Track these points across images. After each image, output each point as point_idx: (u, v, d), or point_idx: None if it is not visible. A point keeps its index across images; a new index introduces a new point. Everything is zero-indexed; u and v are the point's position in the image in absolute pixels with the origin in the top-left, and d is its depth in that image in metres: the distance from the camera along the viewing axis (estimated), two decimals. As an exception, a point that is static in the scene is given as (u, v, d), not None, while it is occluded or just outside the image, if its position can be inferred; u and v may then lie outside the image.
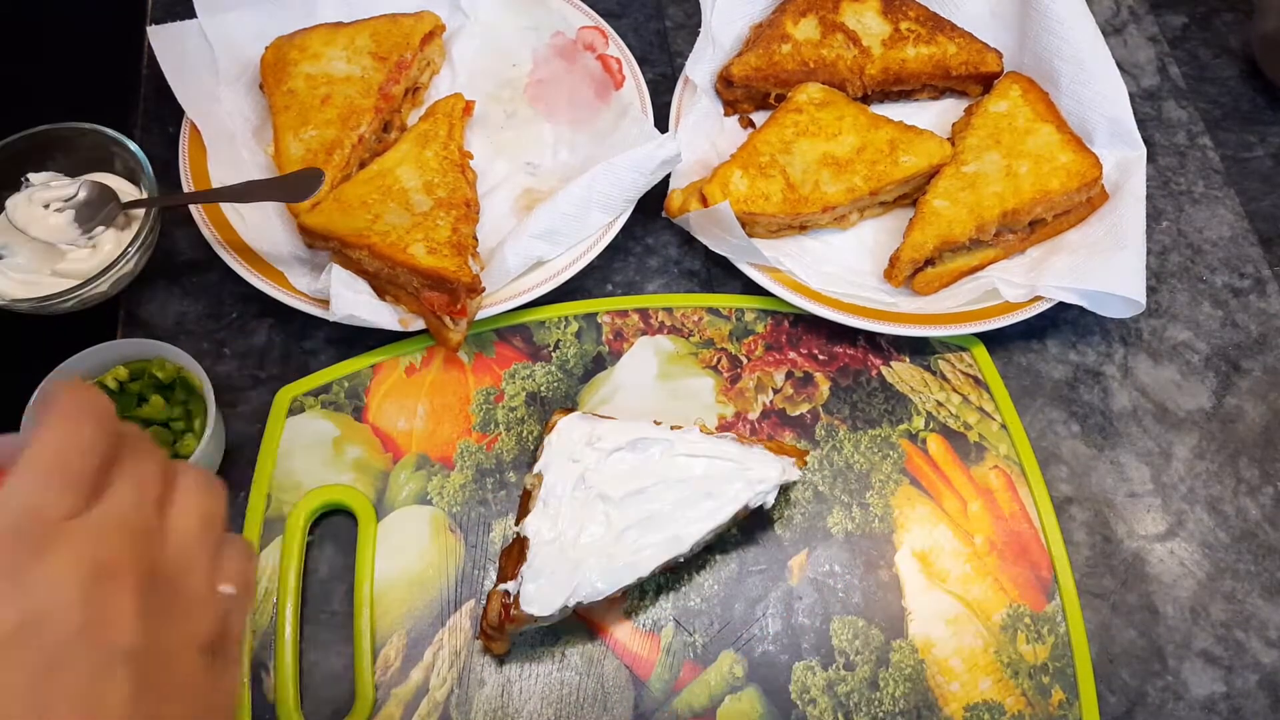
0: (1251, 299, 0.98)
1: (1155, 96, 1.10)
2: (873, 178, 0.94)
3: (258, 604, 0.78)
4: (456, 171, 0.93)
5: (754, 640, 0.80)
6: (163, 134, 0.99)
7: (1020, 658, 0.80)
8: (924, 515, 0.85)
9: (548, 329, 0.92)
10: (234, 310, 0.92)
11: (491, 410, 0.88)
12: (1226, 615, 0.83)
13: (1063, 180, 0.93)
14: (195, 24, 0.98)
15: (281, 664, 0.76)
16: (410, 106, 1.01)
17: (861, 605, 0.81)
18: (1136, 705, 0.79)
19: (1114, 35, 1.13)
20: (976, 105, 1.00)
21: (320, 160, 0.91)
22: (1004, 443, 0.88)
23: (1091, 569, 0.84)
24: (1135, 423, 0.91)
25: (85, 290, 0.84)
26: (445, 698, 0.76)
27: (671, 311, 0.93)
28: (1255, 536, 0.86)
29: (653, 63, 1.08)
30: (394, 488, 0.84)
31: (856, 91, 1.03)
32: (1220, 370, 0.94)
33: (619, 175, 0.90)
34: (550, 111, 1.02)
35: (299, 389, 0.87)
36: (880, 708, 0.78)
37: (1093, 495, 0.87)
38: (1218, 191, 1.04)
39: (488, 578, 0.81)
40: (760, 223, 0.94)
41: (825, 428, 0.88)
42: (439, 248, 0.85)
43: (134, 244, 0.85)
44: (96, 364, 0.81)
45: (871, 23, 1.03)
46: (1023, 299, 0.91)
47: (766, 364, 0.91)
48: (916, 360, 0.92)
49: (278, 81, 0.95)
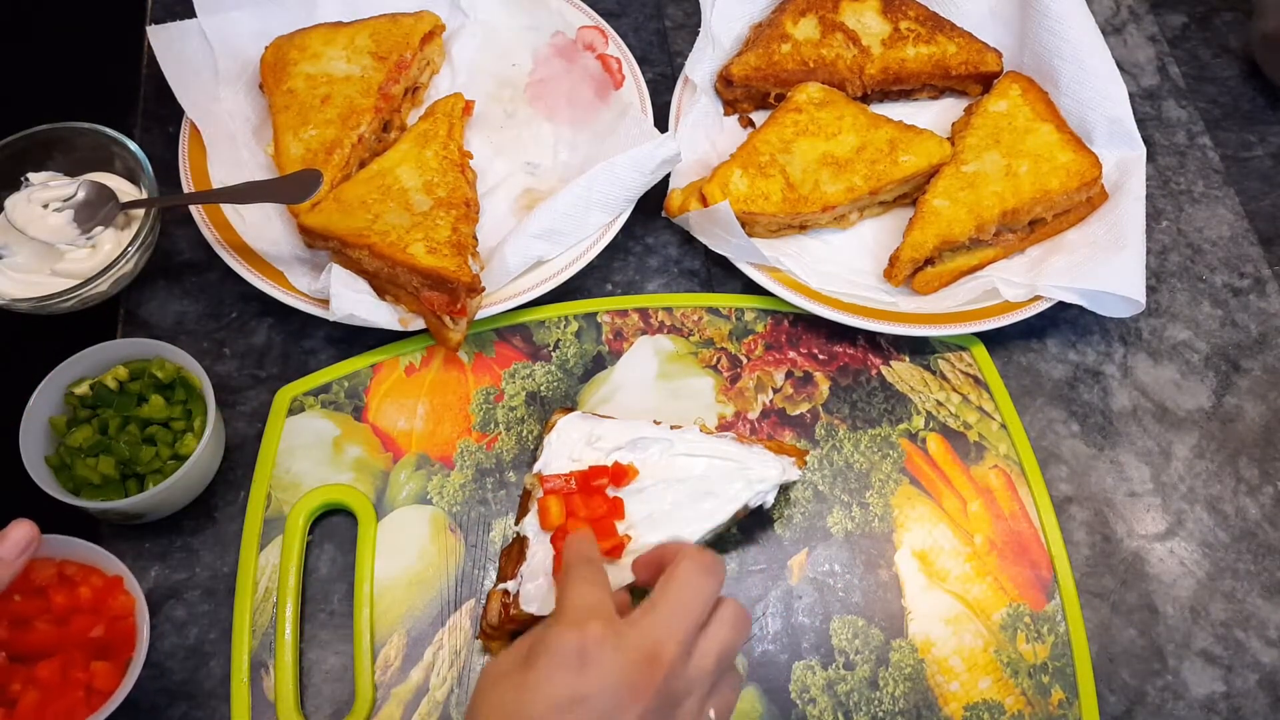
0: (1251, 298, 0.98)
1: (1155, 96, 1.10)
2: (872, 177, 0.94)
3: (259, 603, 0.78)
4: (456, 171, 0.93)
5: (754, 639, 0.80)
6: (163, 134, 0.99)
7: (1020, 657, 0.80)
8: (924, 515, 0.85)
9: (548, 329, 0.92)
10: (234, 310, 0.92)
11: (491, 410, 0.88)
12: (1226, 615, 0.83)
13: (1062, 180, 0.93)
14: (195, 24, 0.98)
15: (281, 663, 0.76)
16: (410, 106, 1.01)
17: (861, 605, 0.81)
18: (1136, 705, 0.79)
19: (1114, 35, 1.13)
20: (976, 105, 1.00)
21: (320, 160, 0.91)
22: (1004, 442, 0.88)
23: (1091, 568, 0.84)
24: (1135, 422, 0.91)
25: (85, 290, 0.84)
26: (445, 697, 0.76)
27: (671, 311, 0.93)
28: (1255, 536, 0.86)
29: (653, 62, 1.08)
30: (394, 487, 0.84)
31: (856, 91, 1.03)
32: (1220, 370, 0.94)
33: (619, 175, 0.90)
34: (550, 111, 1.02)
35: (299, 389, 0.87)
36: (880, 707, 0.78)
37: (1093, 495, 0.87)
38: (1217, 191, 1.04)
39: (488, 577, 0.81)
40: (760, 222, 0.94)
41: (825, 427, 0.88)
42: (439, 247, 0.85)
43: (134, 244, 0.85)
44: (96, 364, 0.81)
45: (871, 22, 1.03)
46: (1022, 298, 0.91)
47: (766, 363, 0.91)
48: (916, 360, 0.92)
49: (277, 81, 0.95)
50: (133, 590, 0.72)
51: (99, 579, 0.73)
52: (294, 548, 0.80)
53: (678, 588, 0.59)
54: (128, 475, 0.78)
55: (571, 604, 0.60)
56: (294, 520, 0.81)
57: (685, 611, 0.59)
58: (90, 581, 0.72)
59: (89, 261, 0.86)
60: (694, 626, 0.59)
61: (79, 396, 0.80)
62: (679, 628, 0.58)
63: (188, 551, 0.81)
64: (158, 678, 0.76)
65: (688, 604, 0.59)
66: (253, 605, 0.78)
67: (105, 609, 0.72)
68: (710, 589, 0.60)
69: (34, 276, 0.86)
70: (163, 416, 0.80)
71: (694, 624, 0.59)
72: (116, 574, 0.73)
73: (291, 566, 0.79)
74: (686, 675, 0.58)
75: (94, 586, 0.72)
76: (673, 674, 0.57)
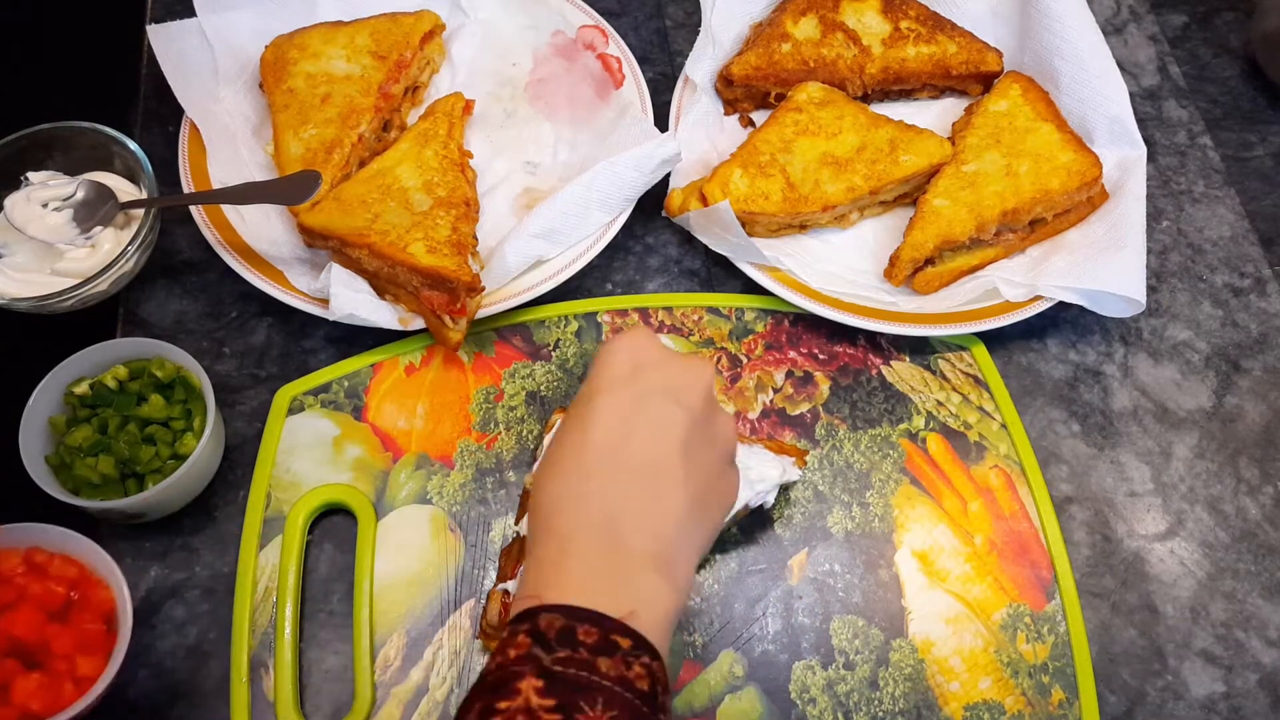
0: (1252, 298, 0.98)
1: (1155, 96, 1.09)
2: (873, 177, 0.94)
3: (258, 603, 0.78)
4: (456, 170, 0.93)
5: (754, 639, 0.80)
6: (163, 133, 0.99)
7: (1020, 657, 0.79)
8: (924, 515, 0.85)
9: (547, 328, 0.92)
10: (233, 309, 0.92)
11: (491, 409, 0.88)
12: (1227, 615, 0.83)
13: (1063, 179, 0.93)
14: (195, 23, 0.98)
15: (281, 663, 0.76)
16: (410, 105, 1.01)
17: (861, 605, 0.81)
18: (1136, 705, 0.79)
19: (1114, 34, 1.13)
20: (977, 104, 1.00)
21: (320, 159, 0.91)
22: (1004, 442, 0.88)
23: (1091, 568, 0.84)
24: (1135, 422, 0.91)
25: (85, 289, 0.84)
26: (445, 697, 0.76)
27: (671, 311, 0.93)
28: (1255, 536, 0.86)
29: (653, 62, 1.08)
30: (394, 487, 0.84)
31: (856, 91, 1.02)
32: (1220, 370, 0.94)
33: (619, 174, 0.90)
34: (550, 110, 1.02)
35: (299, 388, 0.87)
36: (880, 707, 0.78)
37: (1093, 495, 0.87)
38: (1218, 191, 1.04)
39: (488, 577, 0.81)
40: (760, 222, 0.94)
41: (825, 427, 0.88)
42: (439, 247, 0.85)
43: (133, 243, 0.85)
44: (96, 363, 0.81)
45: (871, 22, 1.03)
46: (1023, 298, 0.91)
47: (766, 363, 0.91)
48: (916, 359, 0.92)
49: (277, 80, 0.95)
50: (104, 569, 0.72)
51: (74, 567, 0.73)
52: (294, 547, 0.80)
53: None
54: (127, 475, 0.78)
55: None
56: (294, 520, 0.81)
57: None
58: (65, 570, 0.72)
59: (89, 261, 0.86)
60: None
61: (79, 396, 0.80)
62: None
63: (187, 551, 0.81)
64: (157, 677, 0.76)
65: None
66: (252, 605, 0.78)
67: (85, 596, 0.72)
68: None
69: (34, 276, 0.86)
70: (162, 416, 0.80)
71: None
72: (91, 560, 0.73)
73: (291, 566, 0.79)
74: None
75: (68, 575, 0.72)
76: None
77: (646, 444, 0.59)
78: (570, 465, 0.59)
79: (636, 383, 0.60)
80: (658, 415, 0.59)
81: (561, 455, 0.60)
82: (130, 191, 0.90)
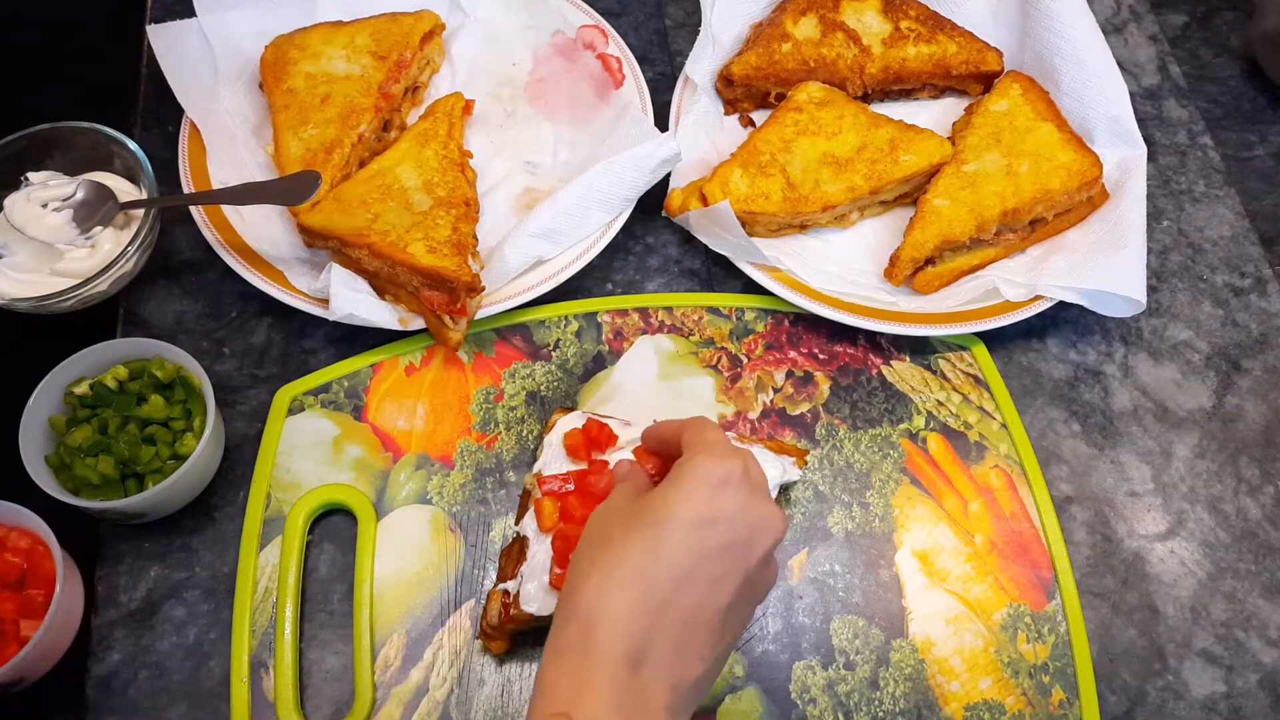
0: (1252, 298, 0.98)
1: (1156, 95, 1.09)
2: (873, 177, 0.94)
3: (258, 603, 0.78)
4: (456, 170, 0.93)
5: (754, 640, 0.80)
6: (163, 133, 0.99)
7: (1020, 657, 0.79)
8: (924, 515, 0.85)
9: (548, 328, 0.92)
10: (233, 309, 0.92)
11: (491, 409, 0.88)
12: (1227, 615, 0.83)
13: (1063, 179, 0.93)
14: (195, 23, 0.98)
15: (281, 663, 0.76)
16: (410, 105, 1.01)
17: (862, 605, 0.81)
18: (1137, 705, 0.79)
19: (1114, 34, 1.13)
20: (977, 104, 1.00)
21: (320, 159, 0.91)
22: (1004, 442, 0.88)
23: (1092, 568, 0.84)
24: (1136, 422, 0.91)
25: (85, 290, 0.84)
26: (445, 697, 0.76)
27: (671, 311, 0.93)
28: (1256, 536, 0.86)
29: (653, 62, 1.08)
30: (394, 487, 0.84)
31: (857, 90, 1.02)
32: (1221, 370, 0.94)
33: (619, 174, 0.90)
34: (550, 110, 1.02)
35: (298, 388, 0.87)
36: (880, 707, 0.78)
37: (1093, 495, 0.87)
38: (1218, 191, 1.04)
39: (488, 577, 0.81)
40: (760, 222, 0.94)
41: (825, 427, 0.88)
42: (439, 247, 0.85)
43: (133, 244, 0.85)
44: (96, 363, 0.81)
45: (872, 21, 1.03)
46: (1023, 298, 0.91)
47: (767, 363, 0.91)
48: (917, 359, 0.92)
49: (277, 80, 0.95)
50: (39, 531, 0.75)
51: (26, 539, 0.76)
52: (294, 547, 0.80)
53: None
54: (127, 475, 0.78)
55: (714, 439, 0.64)
56: (294, 520, 0.81)
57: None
58: (19, 542, 0.76)
59: (88, 261, 0.86)
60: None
61: (79, 396, 0.80)
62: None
63: (187, 551, 0.81)
64: (157, 677, 0.76)
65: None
66: (252, 605, 0.78)
67: (34, 567, 0.75)
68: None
69: (33, 276, 0.86)
70: (162, 416, 0.80)
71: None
72: (39, 531, 0.76)
73: (291, 566, 0.79)
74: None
75: (22, 548, 0.76)
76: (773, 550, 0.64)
77: (698, 597, 0.59)
78: (625, 576, 0.59)
79: (711, 529, 0.60)
80: (718, 573, 0.60)
81: (622, 558, 0.60)
82: (130, 192, 0.90)
